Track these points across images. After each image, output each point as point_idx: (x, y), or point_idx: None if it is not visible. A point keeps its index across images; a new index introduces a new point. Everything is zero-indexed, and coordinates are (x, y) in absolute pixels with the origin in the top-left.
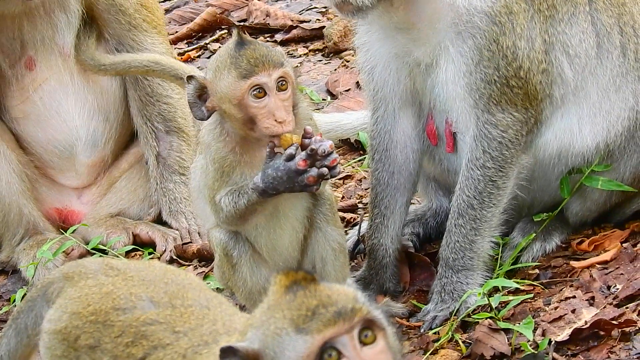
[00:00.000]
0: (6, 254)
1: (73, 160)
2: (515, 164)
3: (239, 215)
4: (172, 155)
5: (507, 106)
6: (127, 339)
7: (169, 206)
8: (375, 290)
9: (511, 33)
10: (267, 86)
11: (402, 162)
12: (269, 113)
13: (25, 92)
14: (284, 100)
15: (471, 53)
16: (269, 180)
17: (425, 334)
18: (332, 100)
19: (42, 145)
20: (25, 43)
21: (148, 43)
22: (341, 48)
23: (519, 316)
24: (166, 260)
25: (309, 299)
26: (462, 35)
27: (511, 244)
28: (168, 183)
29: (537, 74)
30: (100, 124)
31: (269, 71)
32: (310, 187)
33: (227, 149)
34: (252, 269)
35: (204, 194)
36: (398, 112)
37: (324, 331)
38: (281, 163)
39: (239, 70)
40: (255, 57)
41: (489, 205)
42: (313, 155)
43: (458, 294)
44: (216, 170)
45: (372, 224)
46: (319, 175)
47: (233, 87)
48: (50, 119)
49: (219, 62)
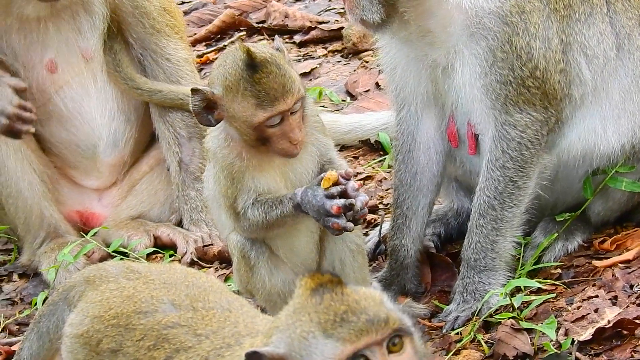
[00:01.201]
0: (27, 257)
1: (95, 160)
2: (536, 163)
3: (267, 225)
4: (194, 162)
5: (525, 106)
6: (149, 343)
7: (190, 215)
8: (397, 291)
9: (524, 33)
10: (284, 113)
11: (425, 164)
12: (283, 135)
13: (46, 94)
14: (297, 120)
15: (485, 54)
16: (305, 200)
17: (448, 335)
18: (351, 101)
19: (65, 145)
20: (47, 45)
21: (171, 48)
22: (360, 49)
23: (541, 316)
24: (187, 262)
25: (337, 303)
26: (475, 37)
27: (533, 243)
28: (190, 190)
29: (555, 74)
30: (121, 124)
31: (287, 102)
32: (331, 230)
33: (233, 155)
34: (270, 270)
35: (220, 203)
36: (421, 113)
37: (356, 342)
38: (320, 195)
39: (257, 100)
40: (275, 89)
41: (510, 205)
42: (349, 207)
43: (480, 294)
44: (226, 178)
45: (394, 225)
46: (344, 228)
47: (250, 114)
48: (72, 120)
49: (229, 82)
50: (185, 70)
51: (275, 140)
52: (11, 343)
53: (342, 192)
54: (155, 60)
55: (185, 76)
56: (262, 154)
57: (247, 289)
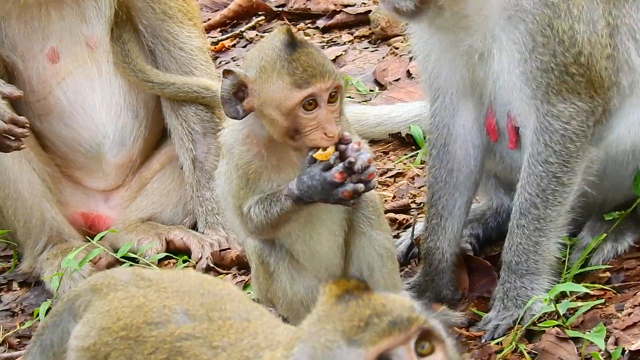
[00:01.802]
0: (28, 263)
1: (100, 160)
2: (582, 157)
3: (271, 224)
4: (210, 160)
5: (568, 95)
6: (161, 356)
7: (206, 217)
8: (432, 298)
9: (567, 16)
10: (320, 98)
11: (462, 159)
12: (318, 125)
13: (47, 86)
14: (333, 112)
15: (524, 39)
16: (304, 187)
17: (487, 345)
18: (380, 91)
19: (67, 143)
20: (49, 33)
21: (184, 36)
22: (389, 34)
23: (588, 324)
24: (202, 268)
25: (362, 308)
26: (513, 20)
27: (580, 245)
28: (205, 191)
29: (601, 60)
30: (129, 120)
31: (325, 82)
32: (345, 201)
33: (252, 153)
34: (291, 277)
35: (230, 204)
36: (457, 104)
37: (378, 343)
38: (317, 172)
39: (293, 77)
40: (313, 66)
41: (554, 203)
42: (350, 168)
43: (522, 300)
44: (240, 178)
45: (428, 226)
46: (354, 191)
47: (284, 95)
48: (75, 115)
49: (265, 62)
50: (199, 60)
51: (308, 131)
52: (12, 358)
53: (340, 157)
54: (167, 49)
55: (200, 66)
56: (282, 153)
57: (266, 298)
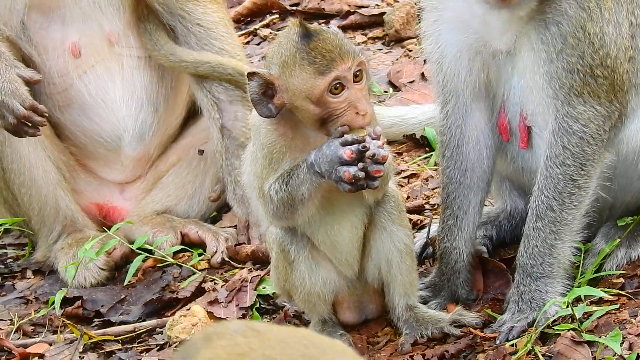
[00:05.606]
0: (42, 252)
1: (119, 153)
2: (598, 162)
3: (290, 202)
4: (237, 126)
5: (589, 98)
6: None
7: (234, 188)
8: (447, 298)
9: (599, 18)
10: (345, 79)
11: (475, 159)
12: (349, 106)
13: (68, 79)
14: (361, 89)
15: (554, 40)
16: (319, 154)
17: (502, 346)
18: (394, 93)
19: (87, 134)
20: (70, 27)
21: (199, 12)
22: (403, 36)
23: (602, 328)
24: (217, 262)
25: None
26: (547, 21)
27: (594, 250)
28: (234, 159)
29: (624, 62)
30: (149, 115)
31: (346, 63)
32: (343, 182)
33: (278, 133)
34: (310, 267)
35: (254, 187)
36: (470, 105)
37: None
38: (335, 144)
39: (314, 66)
40: (331, 50)
41: (570, 206)
42: (362, 152)
43: (537, 303)
44: (264, 157)
45: (444, 226)
46: (354, 176)
47: (310, 85)
48: (96, 107)
49: (285, 57)
50: (219, 32)
51: (341, 114)
52: (26, 345)
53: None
54: (185, 26)
55: (220, 38)
56: (308, 136)
57: (284, 289)
